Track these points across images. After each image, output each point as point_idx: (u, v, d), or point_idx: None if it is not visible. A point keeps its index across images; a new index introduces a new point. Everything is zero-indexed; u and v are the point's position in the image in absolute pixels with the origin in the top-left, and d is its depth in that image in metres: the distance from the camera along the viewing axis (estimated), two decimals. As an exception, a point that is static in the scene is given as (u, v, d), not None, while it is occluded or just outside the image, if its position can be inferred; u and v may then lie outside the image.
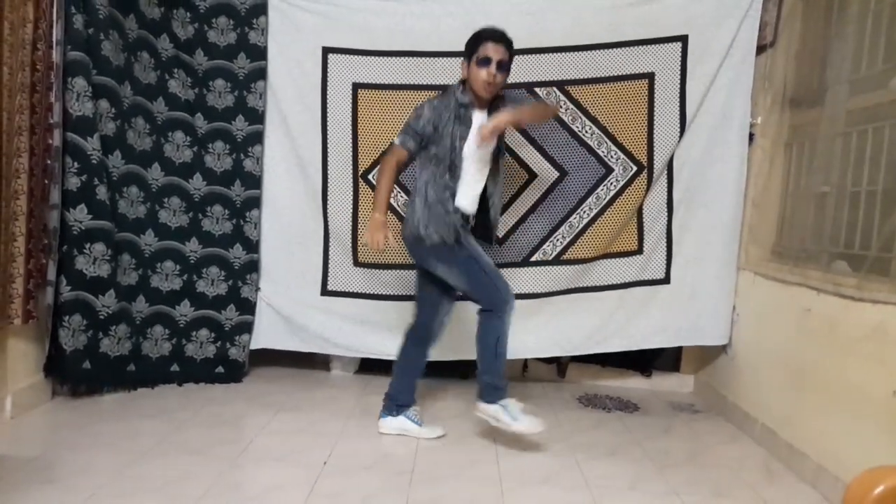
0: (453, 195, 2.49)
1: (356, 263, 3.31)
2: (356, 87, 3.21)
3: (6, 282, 2.44)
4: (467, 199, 2.56)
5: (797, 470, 2.51)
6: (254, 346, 3.32)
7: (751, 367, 3.04)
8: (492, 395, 2.56)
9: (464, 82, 2.51)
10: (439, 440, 2.69)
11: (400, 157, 2.49)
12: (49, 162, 2.63)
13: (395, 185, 3.21)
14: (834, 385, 2.37)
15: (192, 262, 3.23)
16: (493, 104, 2.54)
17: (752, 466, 2.61)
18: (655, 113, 3.13)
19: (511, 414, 2.54)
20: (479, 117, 2.50)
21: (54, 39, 2.63)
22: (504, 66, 2.45)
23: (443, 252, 2.51)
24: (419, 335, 2.71)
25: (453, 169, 2.48)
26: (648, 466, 2.53)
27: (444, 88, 3.11)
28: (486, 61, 2.40)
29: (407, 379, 2.75)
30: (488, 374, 2.57)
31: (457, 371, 3.37)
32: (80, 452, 2.32)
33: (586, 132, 3.16)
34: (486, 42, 2.42)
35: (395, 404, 2.73)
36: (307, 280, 3.34)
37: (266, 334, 3.34)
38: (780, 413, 2.72)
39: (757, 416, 2.89)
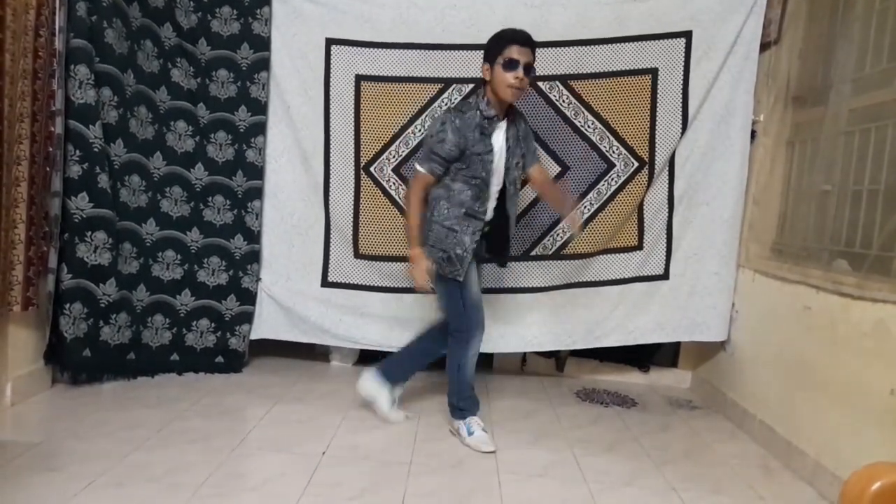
0: (469, 215, 2.46)
1: (357, 255, 3.31)
2: (359, 78, 3.20)
3: (6, 269, 2.44)
4: (487, 209, 2.53)
5: (795, 467, 2.52)
6: (254, 336, 3.33)
7: (750, 364, 3.05)
8: (454, 413, 2.65)
9: (481, 88, 2.45)
10: (440, 430, 2.70)
11: (427, 184, 2.46)
12: (51, 149, 2.62)
13: (397, 177, 3.23)
14: (833, 383, 2.38)
15: (193, 251, 3.23)
16: (509, 113, 2.48)
17: (750, 463, 2.62)
18: (658, 109, 3.12)
19: (469, 429, 2.58)
20: (500, 129, 2.45)
21: (57, 27, 2.62)
22: (530, 70, 2.36)
23: (440, 265, 2.49)
24: (441, 334, 2.69)
25: (483, 188, 2.45)
26: (646, 462, 2.54)
27: (446, 82, 3.14)
28: (513, 64, 2.31)
29: (410, 364, 2.78)
30: (451, 395, 2.66)
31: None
32: (79, 440, 2.32)
33: (588, 127, 3.16)
34: (511, 44, 2.32)
35: (386, 377, 2.74)
36: (308, 271, 3.34)
37: (266, 325, 3.34)
38: (778, 410, 2.73)
39: (755, 412, 2.90)
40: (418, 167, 2.47)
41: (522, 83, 2.34)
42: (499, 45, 2.35)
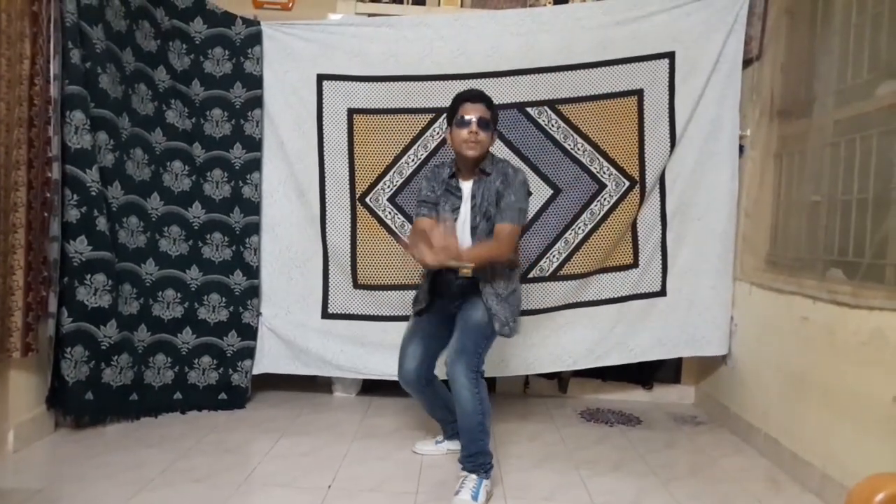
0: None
1: (356, 286, 3.32)
2: (351, 112, 3.25)
3: (5, 315, 2.44)
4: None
5: (802, 479, 2.51)
6: (256, 370, 3.32)
7: (751, 377, 3.06)
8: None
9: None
10: (444, 457, 2.69)
11: (416, 223, 2.52)
12: (48, 195, 2.64)
13: (392, 207, 3.26)
14: (834, 392, 2.38)
15: (192, 289, 3.24)
16: (482, 171, 2.43)
17: (757, 477, 2.62)
18: (646, 128, 3.17)
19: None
20: (466, 186, 2.47)
21: (52, 74, 2.65)
22: (485, 124, 2.37)
23: None
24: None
25: None
26: (652, 480, 2.54)
27: (437, 112, 3.19)
28: (465, 122, 2.37)
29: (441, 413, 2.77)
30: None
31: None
32: (84, 484, 2.31)
33: (578, 149, 3.20)
34: (463, 103, 2.40)
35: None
36: (308, 304, 3.35)
37: (268, 359, 3.34)
38: (782, 422, 2.73)
39: (759, 425, 2.90)
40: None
41: (477, 137, 2.35)
42: (453, 107, 2.44)
